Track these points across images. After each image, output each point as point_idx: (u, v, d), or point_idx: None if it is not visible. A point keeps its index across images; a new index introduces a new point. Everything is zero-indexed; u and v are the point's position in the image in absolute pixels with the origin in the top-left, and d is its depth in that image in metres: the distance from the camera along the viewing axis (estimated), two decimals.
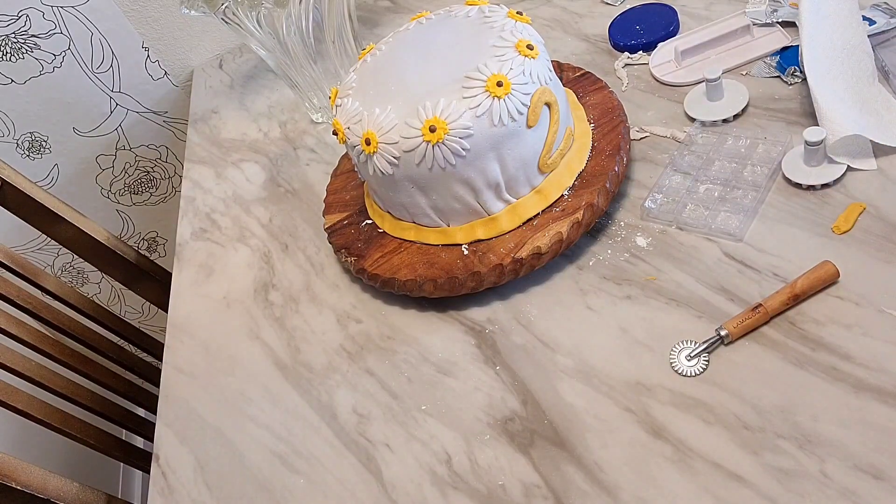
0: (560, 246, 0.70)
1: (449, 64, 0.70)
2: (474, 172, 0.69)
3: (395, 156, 0.68)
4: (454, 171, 0.68)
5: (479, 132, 0.66)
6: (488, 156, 0.68)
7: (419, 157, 0.67)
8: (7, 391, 0.85)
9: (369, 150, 0.69)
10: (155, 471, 0.73)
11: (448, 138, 0.66)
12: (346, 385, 0.72)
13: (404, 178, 0.70)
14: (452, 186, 0.70)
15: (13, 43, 1.23)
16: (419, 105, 0.67)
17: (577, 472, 0.57)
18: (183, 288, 0.92)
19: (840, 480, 0.50)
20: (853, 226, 0.63)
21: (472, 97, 0.66)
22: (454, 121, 0.66)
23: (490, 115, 0.66)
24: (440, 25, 0.76)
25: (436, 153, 0.67)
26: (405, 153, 0.68)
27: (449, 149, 0.67)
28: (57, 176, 1.38)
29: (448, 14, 0.77)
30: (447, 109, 0.66)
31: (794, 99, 0.76)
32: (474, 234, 0.73)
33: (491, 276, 0.70)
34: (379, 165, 0.70)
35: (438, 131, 0.66)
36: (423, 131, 0.66)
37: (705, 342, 0.60)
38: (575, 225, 0.70)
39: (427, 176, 0.69)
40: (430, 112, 0.66)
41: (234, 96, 1.26)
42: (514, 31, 0.70)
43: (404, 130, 0.67)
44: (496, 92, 0.66)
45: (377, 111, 0.70)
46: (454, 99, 0.66)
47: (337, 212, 0.85)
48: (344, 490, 0.64)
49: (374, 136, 0.69)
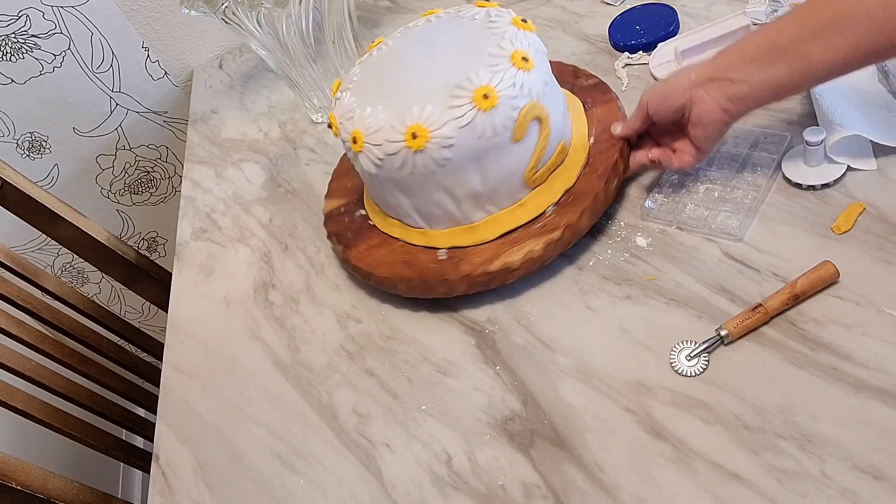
0: (533, 263, 0.69)
1: (445, 68, 0.70)
2: (455, 181, 0.69)
3: (378, 157, 0.69)
4: (434, 178, 0.68)
5: (460, 143, 0.66)
6: (469, 166, 0.68)
7: (400, 161, 0.68)
8: (7, 391, 0.85)
9: (356, 148, 0.70)
10: (155, 471, 0.73)
11: (429, 146, 0.66)
12: (346, 385, 0.72)
13: (387, 180, 0.71)
14: (433, 193, 0.70)
15: (13, 43, 1.23)
16: (406, 109, 0.67)
17: (577, 472, 0.57)
18: (183, 288, 0.92)
19: (840, 480, 0.50)
20: (853, 226, 0.63)
21: (457, 107, 0.65)
22: (436, 129, 0.66)
23: (473, 127, 0.65)
24: (447, 25, 0.76)
25: (416, 159, 0.67)
26: (388, 156, 0.68)
27: (430, 156, 0.66)
28: (57, 176, 1.38)
29: (457, 14, 0.76)
30: (431, 117, 0.66)
31: (794, 99, 0.76)
32: (453, 241, 0.73)
33: (461, 285, 0.71)
34: (364, 164, 0.71)
35: (420, 138, 0.66)
36: (406, 136, 0.66)
37: (705, 342, 0.60)
38: (551, 244, 0.69)
39: (408, 180, 0.69)
40: (414, 118, 0.66)
41: (234, 96, 1.26)
42: (514, 40, 0.69)
43: (388, 134, 0.68)
44: (481, 104, 0.65)
45: (368, 110, 0.70)
46: (441, 107, 0.66)
47: (337, 198, 0.86)
48: (344, 490, 0.64)
49: (360, 136, 0.70)
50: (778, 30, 0.60)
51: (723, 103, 0.63)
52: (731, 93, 0.62)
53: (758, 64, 0.60)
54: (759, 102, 0.63)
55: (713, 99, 0.63)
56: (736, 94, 0.62)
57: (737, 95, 0.62)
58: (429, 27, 0.77)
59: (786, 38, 0.59)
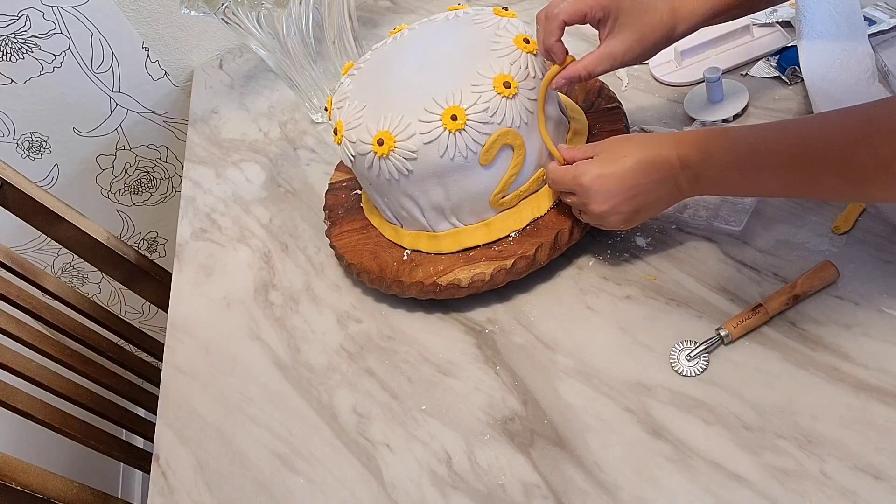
0: (482, 285, 0.69)
1: (431, 78, 0.69)
2: (418, 192, 0.69)
3: (352, 154, 0.70)
4: (398, 185, 0.69)
5: (423, 158, 0.66)
6: (432, 181, 0.68)
7: (369, 162, 0.69)
8: (7, 391, 0.85)
9: (336, 139, 0.72)
10: (155, 471, 0.73)
11: (392, 154, 0.67)
12: (346, 385, 0.72)
13: (361, 176, 0.74)
14: (399, 198, 0.71)
15: (13, 43, 1.23)
16: (383, 113, 0.68)
17: (577, 471, 0.57)
18: (183, 288, 0.92)
19: (840, 480, 0.50)
20: (853, 226, 0.63)
21: (425, 122, 0.65)
22: (402, 141, 0.66)
23: (437, 145, 0.65)
24: (458, 29, 0.74)
25: (382, 165, 0.68)
26: (359, 155, 0.70)
27: (393, 164, 0.67)
28: (57, 176, 1.38)
29: (473, 18, 0.74)
30: (399, 127, 0.66)
31: (794, 99, 0.76)
32: (418, 244, 0.74)
33: (412, 290, 0.72)
34: (342, 155, 0.73)
35: (385, 146, 0.67)
36: (374, 141, 0.67)
37: (705, 342, 0.60)
38: (501, 271, 0.69)
39: (377, 181, 0.71)
40: (385, 124, 0.67)
41: (234, 96, 1.26)
42: (508, 61, 0.67)
43: (362, 134, 0.69)
44: (448, 125, 0.65)
45: (356, 103, 0.71)
46: (412, 119, 0.66)
47: (346, 171, 0.89)
48: (344, 490, 0.64)
49: (341, 128, 0.71)
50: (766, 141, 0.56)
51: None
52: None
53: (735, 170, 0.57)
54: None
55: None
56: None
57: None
58: (444, 25, 0.76)
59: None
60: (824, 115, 0.53)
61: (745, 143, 0.56)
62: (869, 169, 0.47)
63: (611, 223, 0.64)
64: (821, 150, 0.50)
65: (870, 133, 0.47)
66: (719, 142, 0.57)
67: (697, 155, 0.58)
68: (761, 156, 0.54)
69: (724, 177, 0.57)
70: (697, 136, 0.59)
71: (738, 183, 0.57)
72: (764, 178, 0.55)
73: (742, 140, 0.56)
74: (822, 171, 0.50)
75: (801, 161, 0.52)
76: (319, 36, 1.01)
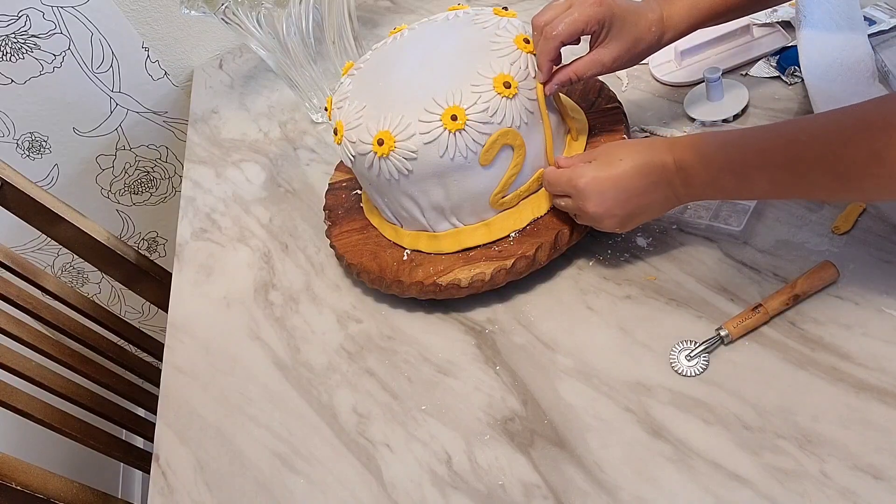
0: (482, 285, 0.69)
1: (431, 78, 0.69)
2: (418, 192, 0.69)
3: (352, 154, 0.70)
4: (398, 185, 0.69)
5: (423, 158, 0.66)
6: (432, 181, 0.68)
7: (369, 162, 0.69)
8: (7, 391, 0.85)
9: (336, 139, 0.72)
10: (155, 471, 0.73)
11: (392, 155, 0.67)
12: (346, 385, 0.72)
13: (361, 176, 0.74)
14: (399, 197, 0.71)
15: (13, 43, 1.23)
16: (383, 113, 0.68)
17: (577, 471, 0.57)
18: (183, 288, 0.92)
19: (840, 480, 0.50)
20: (853, 226, 0.63)
21: (425, 122, 0.65)
22: (402, 141, 0.66)
23: (437, 145, 0.65)
24: (458, 29, 0.74)
25: (382, 165, 0.68)
26: (359, 155, 0.69)
27: (393, 164, 0.67)
28: (57, 176, 1.38)
29: (473, 18, 0.74)
30: (399, 127, 0.66)
31: (794, 99, 0.76)
32: (418, 244, 0.74)
33: (412, 290, 0.72)
34: (342, 155, 0.73)
35: (385, 146, 0.67)
36: (374, 141, 0.67)
37: (705, 342, 0.60)
38: (501, 271, 0.69)
39: (377, 182, 0.71)
40: (386, 124, 0.67)
41: (234, 96, 1.26)
42: (508, 61, 0.67)
43: (362, 134, 0.69)
44: (448, 125, 0.65)
45: (355, 104, 0.71)
46: (412, 119, 0.66)
47: (346, 171, 0.88)
48: (344, 490, 0.64)
49: (341, 128, 0.71)
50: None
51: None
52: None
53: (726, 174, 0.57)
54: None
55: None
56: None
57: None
58: (444, 25, 0.76)
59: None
60: (816, 115, 0.53)
61: (738, 145, 0.56)
62: (861, 165, 0.47)
63: (606, 226, 0.64)
64: (812, 149, 0.50)
65: (861, 129, 0.47)
66: (713, 144, 0.58)
67: (691, 158, 0.58)
68: (754, 156, 0.55)
69: (717, 179, 0.57)
70: (692, 140, 0.59)
71: (732, 185, 0.57)
72: (757, 179, 0.55)
73: (735, 142, 0.56)
74: (815, 169, 0.50)
75: (793, 160, 0.52)
76: (319, 36, 1.01)
